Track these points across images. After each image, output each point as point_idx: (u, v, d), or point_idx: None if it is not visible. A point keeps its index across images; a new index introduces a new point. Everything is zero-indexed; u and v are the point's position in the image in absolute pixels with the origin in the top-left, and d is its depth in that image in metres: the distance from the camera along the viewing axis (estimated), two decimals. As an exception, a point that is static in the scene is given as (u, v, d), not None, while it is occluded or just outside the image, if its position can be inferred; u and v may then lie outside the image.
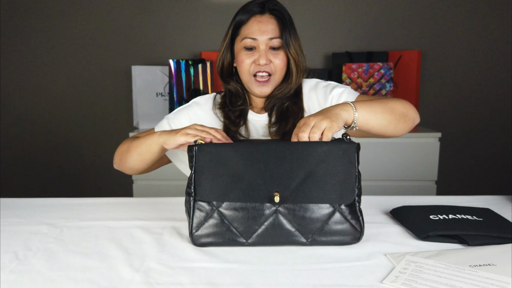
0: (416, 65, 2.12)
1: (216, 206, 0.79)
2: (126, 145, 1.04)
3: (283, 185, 0.77)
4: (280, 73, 1.08)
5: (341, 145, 0.78)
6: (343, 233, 0.79)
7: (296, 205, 0.78)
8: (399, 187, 1.97)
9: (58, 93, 2.37)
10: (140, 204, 1.09)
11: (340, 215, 0.79)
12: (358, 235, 0.80)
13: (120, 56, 2.33)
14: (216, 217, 0.79)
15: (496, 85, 2.29)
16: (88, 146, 2.41)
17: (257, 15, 1.07)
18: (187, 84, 2.06)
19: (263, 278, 0.68)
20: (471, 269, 0.69)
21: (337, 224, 0.79)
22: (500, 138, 2.33)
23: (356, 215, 0.80)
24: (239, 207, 0.78)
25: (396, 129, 0.98)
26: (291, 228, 0.78)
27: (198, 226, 0.80)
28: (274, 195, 0.76)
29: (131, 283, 0.66)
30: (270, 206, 0.78)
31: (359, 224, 0.80)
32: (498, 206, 1.03)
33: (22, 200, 1.12)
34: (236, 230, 0.79)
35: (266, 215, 0.78)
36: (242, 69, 1.08)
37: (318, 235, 0.79)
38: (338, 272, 0.70)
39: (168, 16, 2.29)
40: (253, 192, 0.78)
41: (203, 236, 0.79)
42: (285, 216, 0.78)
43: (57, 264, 0.74)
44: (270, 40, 1.05)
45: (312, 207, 0.78)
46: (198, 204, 0.80)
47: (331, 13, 2.29)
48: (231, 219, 0.79)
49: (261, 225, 0.78)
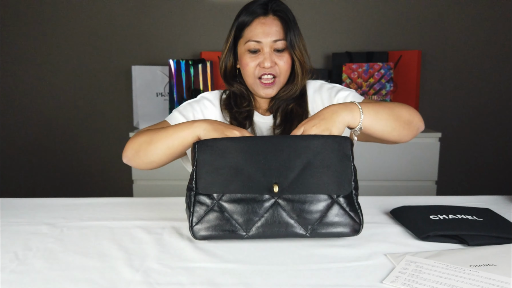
0: (416, 65, 2.12)
1: (216, 198, 0.80)
2: (145, 137, 0.95)
3: (281, 176, 0.79)
4: (285, 74, 1.07)
5: (336, 138, 0.81)
6: (342, 224, 0.80)
7: (295, 197, 0.80)
8: (399, 187, 1.97)
9: (58, 93, 2.37)
10: (140, 204, 1.09)
11: (339, 207, 0.80)
12: (357, 227, 0.81)
13: (120, 56, 2.33)
14: (217, 210, 0.80)
15: (496, 85, 2.29)
16: (88, 146, 2.41)
17: (260, 16, 1.05)
18: (187, 84, 2.06)
19: (263, 278, 0.68)
20: (471, 269, 0.69)
21: (336, 216, 0.80)
22: (500, 138, 2.33)
23: (355, 207, 0.81)
24: (239, 199, 0.80)
25: (399, 136, 0.97)
26: (290, 219, 0.79)
27: (198, 220, 0.80)
28: (273, 186, 0.78)
29: (131, 283, 0.66)
30: (270, 198, 0.80)
31: (358, 216, 0.81)
32: (498, 206, 1.03)
33: (22, 200, 1.12)
34: (236, 222, 0.80)
35: (265, 207, 0.80)
36: (246, 72, 1.07)
37: (317, 226, 0.80)
38: (338, 272, 0.70)
39: (168, 16, 2.29)
40: (252, 183, 0.79)
41: (203, 229, 0.80)
42: (284, 208, 0.80)
43: (57, 264, 0.74)
44: (274, 43, 1.04)
45: (311, 199, 0.80)
46: (199, 198, 0.81)
47: (331, 13, 2.29)
48: (231, 211, 0.80)
49: (261, 217, 0.79)
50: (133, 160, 0.98)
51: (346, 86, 2.10)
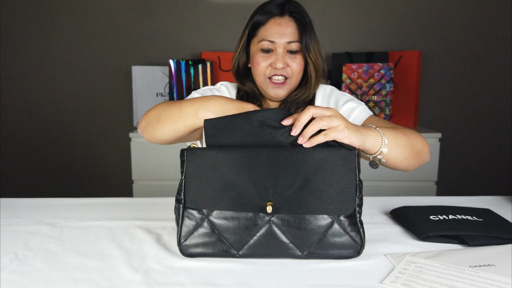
0: (416, 65, 2.12)
1: (206, 214, 0.75)
2: (156, 113, 0.92)
3: (276, 194, 0.72)
4: (296, 77, 1.05)
5: (340, 151, 0.72)
6: (341, 246, 0.74)
7: (291, 216, 0.73)
8: (399, 187, 1.97)
9: (58, 93, 2.37)
10: (140, 204, 1.09)
11: (339, 227, 0.73)
12: (358, 248, 0.74)
13: (120, 56, 2.33)
14: (206, 227, 0.74)
15: (496, 85, 2.29)
16: (88, 146, 2.41)
17: (276, 17, 1.03)
18: (187, 84, 2.06)
19: (263, 278, 0.68)
20: (471, 269, 0.69)
21: (335, 236, 0.73)
22: (500, 138, 2.33)
23: (357, 227, 0.74)
24: (230, 216, 0.74)
25: (408, 166, 0.90)
26: (286, 240, 0.73)
27: (187, 235, 0.75)
28: (267, 205, 0.71)
29: (131, 283, 0.66)
30: (263, 216, 0.73)
31: (359, 236, 0.74)
32: (498, 207, 1.03)
33: (22, 200, 1.12)
34: (227, 241, 0.74)
35: (259, 226, 0.73)
36: (257, 71, 1.05)
37: (315, 248, 0.73)
38: (338, 272, 0.70)
39: (168, 16, 2.29)
40: (244, 200, 0.72)
41: (192, 246, 0.75)
42: (279, 227, 0.73)
43: (57, 264, 0.74)
44: (288, 44, 1.02)
45: (309, 218, 0.73)
46: (188, 212, 0.75)
47: (331, 13, 2.29)
48: (221, 229, 0.74)
49: (254, 236, 0.73)
50: (144, 134, 0.96)
51: (346, 86, 2.10)
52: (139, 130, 0.98)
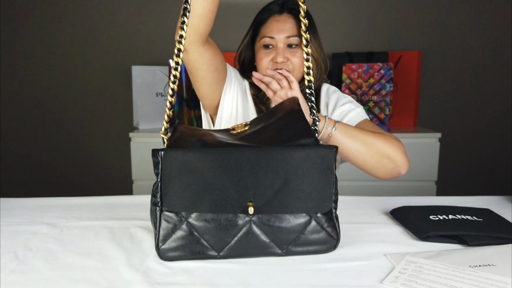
0: (416, 65, 2.12)
1: (185, 216, 0.73)
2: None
3: (257, 195, 0.71)
4: (298, 70, 1.09)
5: (319, 150, 0.72)
6: (319, 242, 0.76)
7: (271, 215, 0.74)
8: (399, 187, 1.97)
9: (58, 93, 2.37)
10: (140, 204, 1.09)
11: (316, 224, 0.75)
12: (334, 243, 0.77)
13: (120, 56, 2.33)
14: (185, 229, 0.73)
15: (496, 85, 2.29)
16: (88, 146, 2.41)
17: (276, 14, 1.10)
18: (187, 84, 2.06)
19: (263, 278, 0.68)
20: (471, 269, 0.69)
21: (313, 233, 0.75)
22: (500, 138, 2.33)
23: (333, 222, 0.76)
24: (210, 218, 0.73)
25: (366, 165, 0.97)
26: (266, 239, 0.74)
27: (165, 239, 0.73)
28: (248, 206, 0.71)
29: (131, 283, 0.66)
30: (244, 217, 0.73)
31: (335, 231, 0.77)
32: (498, 207, 1.03)
33: (22, 200, 1.12)
34: (207, 243, 0.73)
35: (239, 226, 0.73)
36: (260, 67, 1.10)
37: (294, 245, 0.75)
38: (338, 272, 0.70)
39: (168, 16, 2.29)
40: (225, 202, 0.71)
41: (171, 250, 0.73)
42: (260, 226, 0.73)
43: (57, 264, 0.74)
44: (287, 39, 1.07)
45: (288, 217, 0.74)
46: (165, 215, 0.73)
47: (331, 13, 2.29)
48: (201, 231, 0.73)
49: (234, 236, 0.73)
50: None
51: (345, 86, 2.10)
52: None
